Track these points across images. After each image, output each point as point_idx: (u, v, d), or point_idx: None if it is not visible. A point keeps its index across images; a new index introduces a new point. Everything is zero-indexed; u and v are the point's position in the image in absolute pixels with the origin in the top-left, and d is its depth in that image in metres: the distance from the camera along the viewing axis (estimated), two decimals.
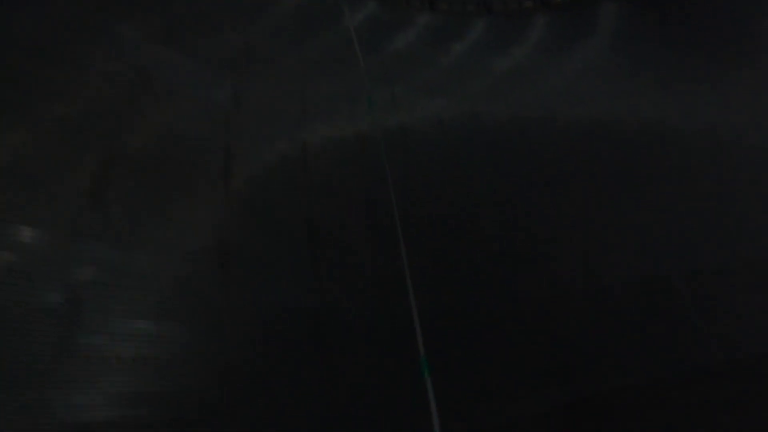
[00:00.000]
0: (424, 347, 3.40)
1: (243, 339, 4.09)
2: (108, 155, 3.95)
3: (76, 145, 3.85)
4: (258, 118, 5.36)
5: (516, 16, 9.64)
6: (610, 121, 8.94)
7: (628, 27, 10.12)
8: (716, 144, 9.01)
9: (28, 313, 3.14)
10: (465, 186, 6.86)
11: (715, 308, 7.79)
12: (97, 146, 3.95)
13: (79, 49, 4.22)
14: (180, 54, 5.07)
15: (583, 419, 5.71)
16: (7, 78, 3.67)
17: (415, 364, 3.23)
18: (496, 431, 5.46)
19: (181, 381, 3.68)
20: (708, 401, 5.73)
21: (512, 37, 9.28)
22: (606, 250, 7.63)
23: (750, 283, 7.97)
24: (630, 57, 9.79)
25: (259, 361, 4.14)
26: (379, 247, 5.34)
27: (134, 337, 3.53)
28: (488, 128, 7.72)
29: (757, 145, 8.69)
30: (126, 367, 3.45)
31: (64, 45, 4.13)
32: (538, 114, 8.39)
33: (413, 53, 8.12)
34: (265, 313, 4.31)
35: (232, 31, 5.77)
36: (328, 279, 4.84)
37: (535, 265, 6.88)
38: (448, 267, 5.90)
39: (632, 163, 8.49)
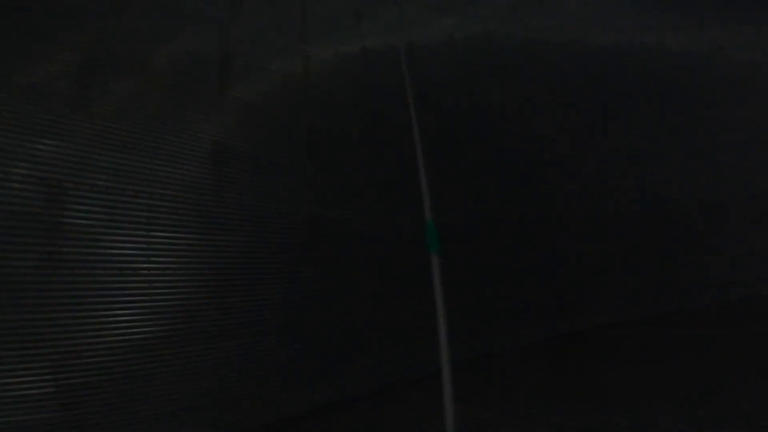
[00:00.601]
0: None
1: (240, 246, 3.91)
2: (90, 59, 3.63)
3: (56, 49, 3.52)
4: (257, 29, 4.97)
5: None
6: (635, 53, 8.46)
7: None
8: (746, 82, 8.59)
9: (8, 219, 2.96)
10: (474, 103, 6.53)
11: (722, 244, 7.69)
12: (78, 50, 3.62)
13: None
14: None
15: (571, 352, 5.68)
16: None
17: (413, 272, 3.04)
18: (488, 357, 5.48)
19: (176, 294, 3.54)
20: (700, 336, 5.69)
21: None
22: (612, 180, 7.42)
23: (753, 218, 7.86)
24: None
25: (256, 269, 3.99)
26: (380, 160, 5.11)
27: (122, 246, 3.35)
28: (502, 49, 7.25)
29: None
30: (113, 280, 3.30)
31: None
32: (557, 39, 7.88)
33: None
34: (262, 220, 4.12)
35: None
36: (328, 188, 4.64)
37: (540, 187, 6.68)
38: (452, 182, 5.72)
39: (654, 95, 8.10)
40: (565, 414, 3.44)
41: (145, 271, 3.40)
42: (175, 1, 4.54)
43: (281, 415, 3.89)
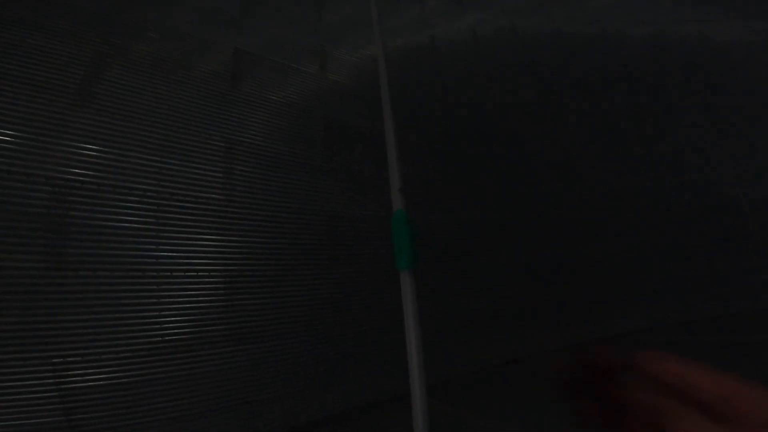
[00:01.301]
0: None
1: (255, 246, 3.81)
2: (98, 54, 3.60)
3: (63, 43, 3.50)
4: (270, 24, 4.89)
5: None
6: (673, 46, 8.03)
7: None
8: None
9: (12, 219, 2.93)
10: (498, 99, 6.27)
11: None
12: (85, 44, 3.60)
13: None
14: None
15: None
16: None
17: (425, 274, 2.87)
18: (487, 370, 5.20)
19: (185, 297, 3.45)
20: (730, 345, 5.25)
21: None
22: (651, 177, 7.01)
23: None
24: None
25: (273, 262, 3.88)
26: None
27: (130, 247, 3.28)
28: (527, 43, 6.98)
29: None
30: (119, 282, 3.23)
31: None
32: (585, 31, 7.55)
33: None
34: (277, 215, 4.00)
35: None
36: (346, 187, 4.49)
37: (571, 185, 6.35)
38: (478, 177, 5.49)
39: (695, 89, 7.65)
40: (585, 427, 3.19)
41: (153, 273, 3.33)
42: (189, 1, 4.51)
43: (296, 421, 3.77)
